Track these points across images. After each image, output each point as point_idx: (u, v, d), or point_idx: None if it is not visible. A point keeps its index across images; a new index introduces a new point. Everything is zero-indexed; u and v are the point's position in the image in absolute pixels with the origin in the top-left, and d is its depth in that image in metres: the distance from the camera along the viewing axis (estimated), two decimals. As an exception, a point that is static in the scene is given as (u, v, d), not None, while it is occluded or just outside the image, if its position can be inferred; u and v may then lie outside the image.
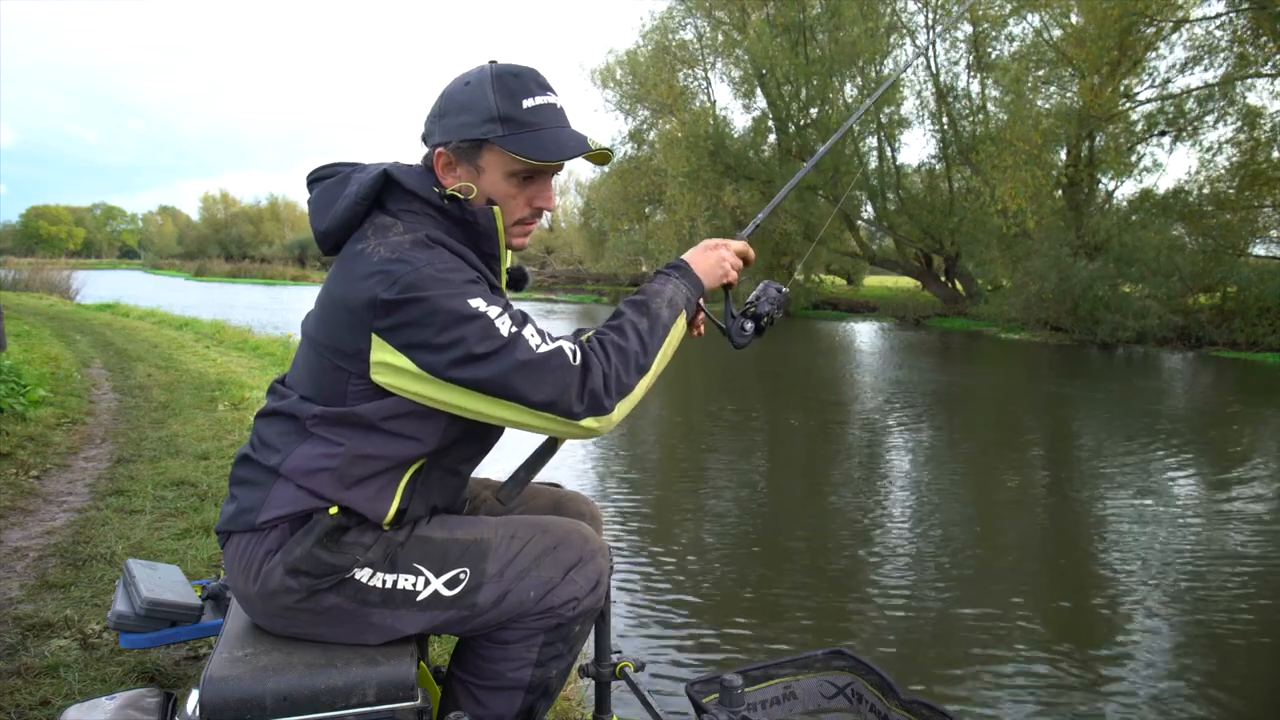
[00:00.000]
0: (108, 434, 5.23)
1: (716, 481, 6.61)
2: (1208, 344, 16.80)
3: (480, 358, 1.14)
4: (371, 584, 1.25)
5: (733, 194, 24.39)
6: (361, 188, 1.26)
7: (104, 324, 14.04)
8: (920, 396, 11.08)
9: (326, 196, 1.30)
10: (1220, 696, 3.29)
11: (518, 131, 1.24)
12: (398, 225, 1.23)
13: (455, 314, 1.14)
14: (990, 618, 3.92)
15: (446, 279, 1.16)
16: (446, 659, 2.29)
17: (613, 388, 1.20)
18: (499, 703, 1.36)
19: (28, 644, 2.31)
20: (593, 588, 1.35)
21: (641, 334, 1.27)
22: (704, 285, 1.41)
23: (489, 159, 1.26)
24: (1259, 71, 17.57)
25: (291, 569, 1.22)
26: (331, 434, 1.24)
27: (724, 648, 3.61)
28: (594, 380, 1.18)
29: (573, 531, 1.38)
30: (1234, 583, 4.38)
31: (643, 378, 1.25)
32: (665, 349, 1.30)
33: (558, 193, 37.28)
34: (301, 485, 1.24)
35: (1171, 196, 19.30)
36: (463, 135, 1.25)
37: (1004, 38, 22.13)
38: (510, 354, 1.15)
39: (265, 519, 1.24)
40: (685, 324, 1.35)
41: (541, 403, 1.16)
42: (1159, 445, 7.97)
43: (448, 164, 1.28)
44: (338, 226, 1.27)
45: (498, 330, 1.15)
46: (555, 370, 1.16)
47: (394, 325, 1.15)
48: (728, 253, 1.45)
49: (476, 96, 1.25)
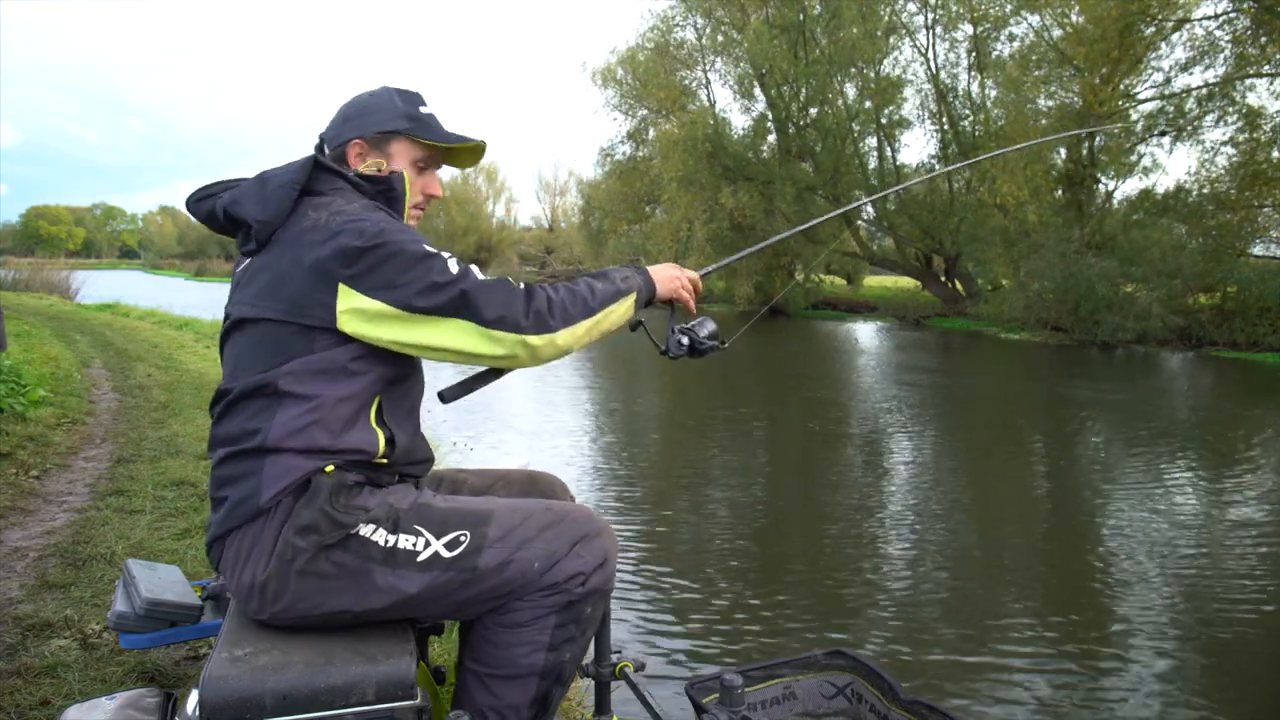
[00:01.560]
0: (108, 434, 5.23)
1: (716, 481, 6.61)
2: (1208, 344, 16.81)
3: (441, 285, 1.28)
4: (374, 539, 1.29)
5: (730, 196, 24.35)
6: (293, 173, 1.37)
7: (104, 324, 14.04)
8: (920, 397, 11.08)
9: (253, 192, 1.38)
10: (1221, 697, 3.29)
11: (421, 126, 1.49)
12: (335, 200, 1.37)
13: (416, 254, 1.29)
14: (991, 618, 3.92)
15: (402, 228, 1.33)
16: (447, 659, 2.30)
17: (557, 312, 1.34)
18: (512, 692, 1.36)
19: (28, 644, 2.31)
20: (600, 564, 1.36)
21: (593, 286, 1.42)
22: (657, 290, 1.56)
23: (397, 148, 1.49)
24: (1259, 71, 17.58)
25: (300, 529, 1.26)
26: (307, 388, 1.30)
27: (724, 648, 3.61)
28: (539, 302, 1.33)
29: (578, 510, 1.43)
30: (1235, 583, 4.38)
31: (587, 319, 1.38)
32: (612, 310, 1.43)
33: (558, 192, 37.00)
34: (294, 449, 1.28)
35: (1172, 196, 19.30)
36: (377, 127, 1.47)
37: (1004, 38, 22.15)
38: (465, 280, 1.30)
39: (268, 497, 1.27)
40: (634, 301, 1.48)
41: (493, 318, 1.28)
42: (1159, 445, 7.97)
43: (360, 153, 1.48)
44: (278, 213, 1.35)
45: (448, 264, 1.31)
46: (505, 291, 1.31)
47: (362, 271, 1.27)
48: (683, 276, 1.63)
49: (383, 101, 1.49)
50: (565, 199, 52.62)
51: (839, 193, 25.47)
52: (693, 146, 24.93)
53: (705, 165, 25.06)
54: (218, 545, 1.32)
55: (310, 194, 1.39)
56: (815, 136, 26.28)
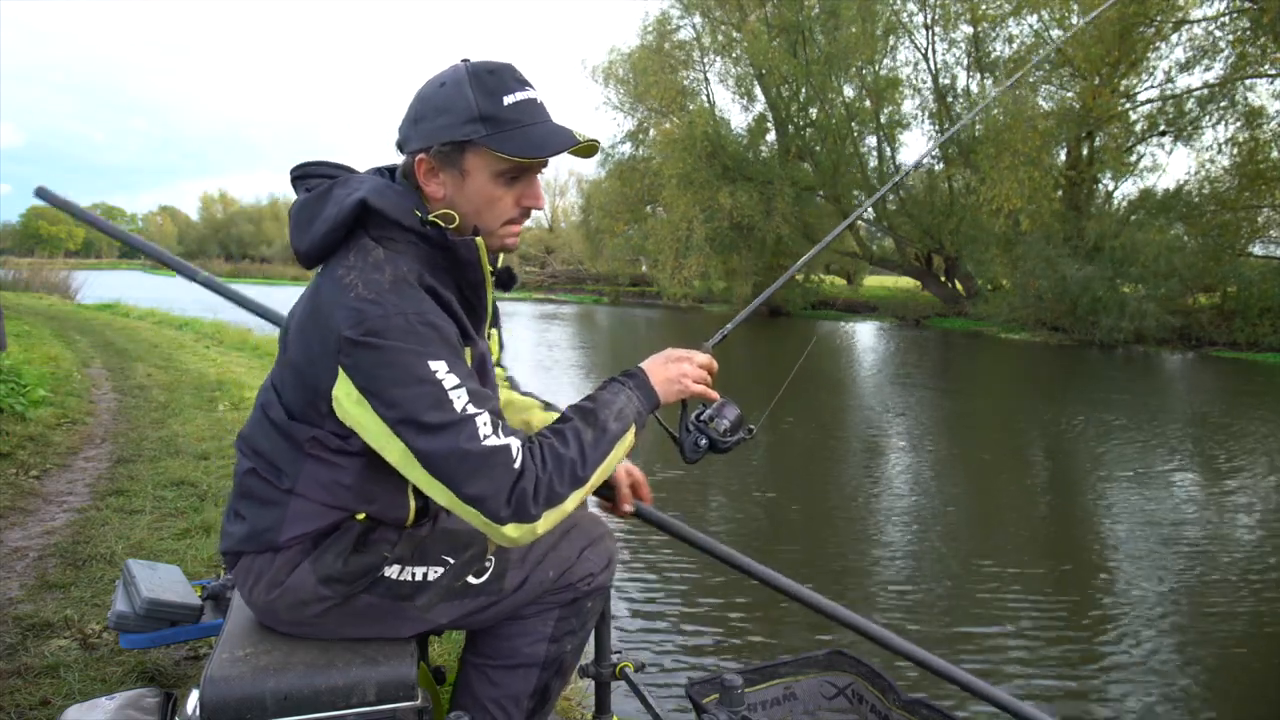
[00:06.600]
0: (108, 434, 5.22)
1: (716, 481, 6.61)
2: (1208, 344, 16.81)
3: (425, 428, 1.10)
4: (403, 579, 1.27)
5: (729, 196, 24.33)
6: (339, 214, 1.20)
7: (104, 324, 14.03)
8: (920, 397, 11.08)
9: (306, 213, 1.25)
10: (1222, 697, 3.29)
11: (501, 130, 1.18)
12: (379, 251, 1.19)
13: (411, 373, 1.10)
14: (991, 618, 3.92)
15: (415, 331, 1.12)
16: (446, 659, 2.30)
17: (542, 496, 1.13)
18: (514, 682, 1.37)
19: (28, 644, 2.31)
20: (605, 565, 1.41)
21: (584, 444, 1.19)
22: (659, 399, 1.32)
23: (474, 161, 1.21)
24: (1259, 71, 17.58)
25: (325, 578, 1.23)
26: (333, 457, 1.23)
27: (724, 648, 3.61)
28: (525, 484, 1.12)
29: (583, 516, 1.44)
30: (1236, 583, 4.38)
31: (576, 490, 1.18)
32: (608, 462, 1.23)
33: (558, 192, 36.66)
34: (322, 502, 1.24)
35: (1172, 196, 19.30)
36: (444, 138, 1.19)
37: (1004, 38, 22.15)
38: (455, 436, 1.10)
39: (288, 538, 1.24)
40: (633, 438, 1.27)
41: (471, 496, 1.10)
42: (1159, 446, 7.96)
43: (430, 170, 1.23)
44: (316, 249, 1.23)
45: (450, 404, 1.10)
46: (495, 468, 1.10)
47: (354, 364, 1.12)
48: (690, 366, 1.36)
49: (454, 97, 1.18)
50: (565, 199, 52.61)
51: (839, 193, 25.46)
52: (692, 146, 24.92)
53: (704, 165, 25.05)
54: (232, 557, 1.30)
55: (365, 232, 1.21)
56: (815, 136, 26.27)
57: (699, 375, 1.37)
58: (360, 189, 1.21)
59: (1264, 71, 17.51)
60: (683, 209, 25.48)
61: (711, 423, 1.42)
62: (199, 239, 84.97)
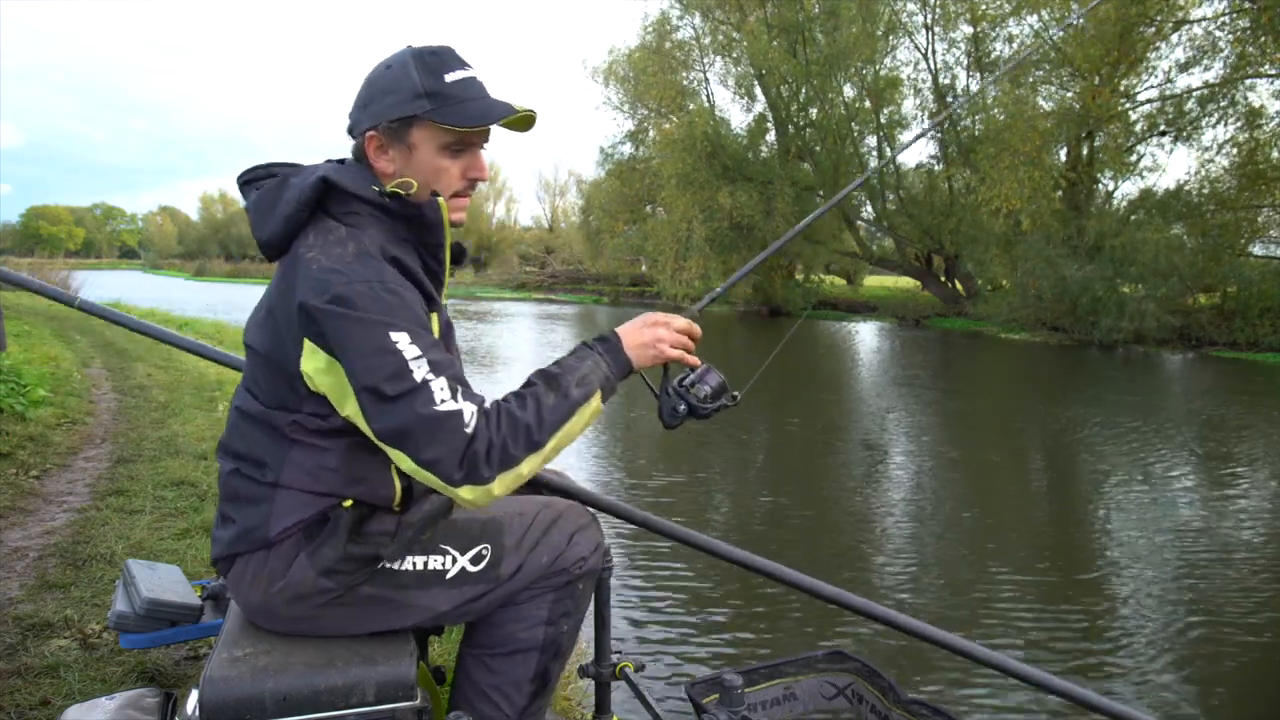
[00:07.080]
0: (108, 434, 5.22)
1: (716, 480, 6.61)
2: (1208, 344, 16.81)
3: (384, 399, 1.12)
4: (403, 569, 1.30)
5: (729, 196, 24.32)
6: (300, 194, 1.24)
7: (104, 324, 13.99)
8: (920, 397, 11.08)
9: (267, 202, 1.28)
10: (1223, 697, 3.29)
11: (445, 104, 1.24)
12: (340, 229, 1.23)
13: (374, 343, 1.12)
14: (991, 618, 3.92)
15: (379, 299, 1.14)
16: (446, 659, 2.30)
17: (495, 458, 1.14)
18: (513, 668, 1.39)
19: (28, 644, 2.31)
20: (594, 548, 1.46)
21: (543, 409, 1.20)
22: (632, 364, 1.32)
23: (419, 135, 1.26)
24: (1259, 71, 17.58)
25: (325, 570, 1.24)
26: (315, 440, 1.24)
27: (724, 648, 3.61)
28: (477, 446, 1.13)
29: (571, 505, 1.51)
30: (1236, 584, 4.38)
31: (532, 454, 1.18)
32: (568, 428, 1.22)
33: (558, 192, 36.59)
34: (308, 490, 1.24)
35: (1172, 196, 19.29)
36: (391, 115, 1.24)
37: (1004, 38, 22.14)
38: (410, 404, 1.11)
39: (278, 531, 1.24)
40: (599, 403, 1.26)
41: (426, 460, 1.12)
42: (1159, 445, 7.96)
43: (379, 147, 1.27)
44: (279, 235, 1.26)
45: (410, 373, 1.12)
46: (448, 432, 1.12)
47: (318, 332, 1.15)
48: (667, 330, 1.35)
49: (400, 78, 1.25)
50: (565, 199, 52.66)
51: (839, 192, 25.39)
52: (691, 146, 24.91)
53: (704, 165, 25.04)
54: (225, 562, 1.30)
55: (326, 213, 1.26)
56: (815, 136, 26.26)
57: (676, 339, 1.36)
58: (318, 170, 1.26)
59: (1264, 71, 17.51)
60: (682, 209, 25.46)
61: (693, 388, 1.39)
62: (199, 239, 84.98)
